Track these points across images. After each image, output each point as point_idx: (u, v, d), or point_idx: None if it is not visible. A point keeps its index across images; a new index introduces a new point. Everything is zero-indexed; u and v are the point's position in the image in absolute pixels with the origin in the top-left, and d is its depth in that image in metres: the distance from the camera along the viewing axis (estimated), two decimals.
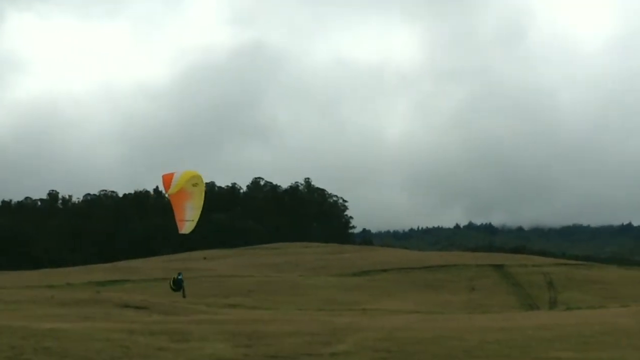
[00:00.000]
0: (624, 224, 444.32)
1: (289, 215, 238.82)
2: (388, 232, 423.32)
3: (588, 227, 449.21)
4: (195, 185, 26.62)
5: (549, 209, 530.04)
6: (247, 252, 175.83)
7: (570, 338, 44.00)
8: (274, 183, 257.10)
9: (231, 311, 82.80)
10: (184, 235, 30.24)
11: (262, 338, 42.98)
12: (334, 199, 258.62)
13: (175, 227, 35.71)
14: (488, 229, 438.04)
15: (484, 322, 59.14)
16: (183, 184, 25.97)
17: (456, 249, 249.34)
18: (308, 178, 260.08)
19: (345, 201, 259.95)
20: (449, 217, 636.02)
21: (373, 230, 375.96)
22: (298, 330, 49.00)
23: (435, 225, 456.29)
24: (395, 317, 73.09)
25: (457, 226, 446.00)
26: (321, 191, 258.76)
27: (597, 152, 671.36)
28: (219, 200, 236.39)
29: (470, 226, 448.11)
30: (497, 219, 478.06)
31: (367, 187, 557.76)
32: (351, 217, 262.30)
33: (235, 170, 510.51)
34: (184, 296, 38.28)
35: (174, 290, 35.12)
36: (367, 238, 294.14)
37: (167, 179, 26.31)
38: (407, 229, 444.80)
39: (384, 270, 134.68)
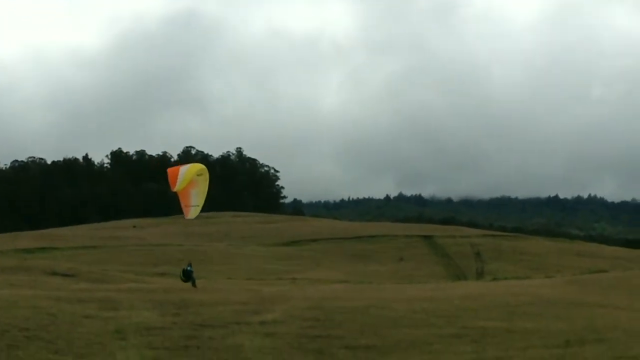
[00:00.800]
0: (551, 196, 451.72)
1: (219, 185, 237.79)
2: (319, 202, 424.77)
3: (516, 199, 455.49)
4: (199, 175, 26.58)
5: (478, 181, 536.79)
6: (177, 220, 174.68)
7: (497, 308, 44.67)
8: (205, 152, 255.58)
9: (160, 280, 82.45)
10: (188, 219, 30.14)
11: (191, 307, 42.88)
12: (265, 168, 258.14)
13: (104, 196, 35.54)
14: (418, 200, 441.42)
15: (412, 292, 59.80)
16: (189, 178, 25.92)
17: (386, 220, 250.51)
18: (240, 147, 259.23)
19: (277, 171, 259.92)
20: (380, 188, 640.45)
21: (304, 201, 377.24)
22: (227, 299, 48.99)
23: (366, 196, 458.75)
24: (324, 286, 73.48)
25: (387, 197, 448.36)
26: (252, 161, 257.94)
27: (526, 125, 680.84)
28: (150, 169, 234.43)
29: (401, 197, 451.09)
30: (427, 191, 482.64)
31: (299, 157, 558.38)
32: (282, 187, 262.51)
33: (166, 139, 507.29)
34: (194, 286, 38.40)
35: (184, 281, 35.49)
36: (297, 208, 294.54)
37: (173, 175, 26.20)
38: (338, 199, 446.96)
39: (314, 240, 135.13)
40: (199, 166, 26.86)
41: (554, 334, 41.65)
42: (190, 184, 30.54)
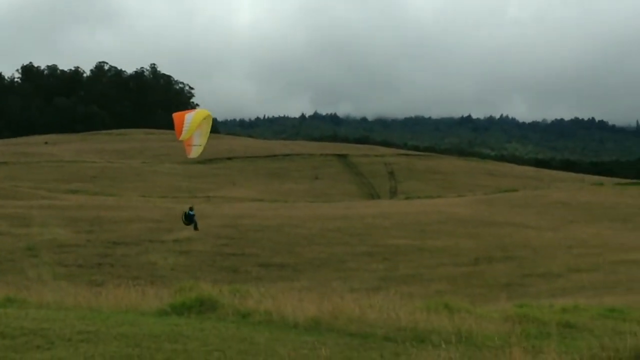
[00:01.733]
0: (464, 116, 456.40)
1: (133, 101, 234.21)
2: (234, 120, 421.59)
3: (430, 118, 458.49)
4: (204, 119, 26.52)
5: (393, 100, 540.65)
6: (90, 137, 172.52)
7: (409, 226, 45.45)
8: (119, 68, 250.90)
9: (73, 197, 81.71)
10: None
11: (105, 224, 42.73)
12: (180, 85, 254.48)
13: (15, 111, 34.86)
14: (333, 119, 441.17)
15: (325, 211, 60.38)
16: (195, 127, 25.79)
17: (301, 139, 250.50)
18: (154, 64, 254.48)
19: (192, 88, 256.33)
20: (295, 107, 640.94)
21: (219, 119, 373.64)
22: (141, 216, 48.90)
23: (281, 115, 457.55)
24: (239, 205, 73.72)
25: (302, 116, 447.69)
26: (167, 77, 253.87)
27: (441, 45, 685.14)
28: (62, 84, 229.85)
29: (316, 116, 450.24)
30: (342, 110, 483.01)
31: (215, 74, 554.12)
32: (197, 105, 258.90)
33: (79, 54, 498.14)
34: (196, 229, 38.49)
35: (186, 224, 35.53)
36: (212, 126, 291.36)
37: (179, 123, 25.91)
38: (253, 117, 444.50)
39: (229, 159, 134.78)
40: (204, 113, 26.85)
41: (464, 252, 42.58)
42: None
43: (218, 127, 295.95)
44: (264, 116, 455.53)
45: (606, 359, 12.34)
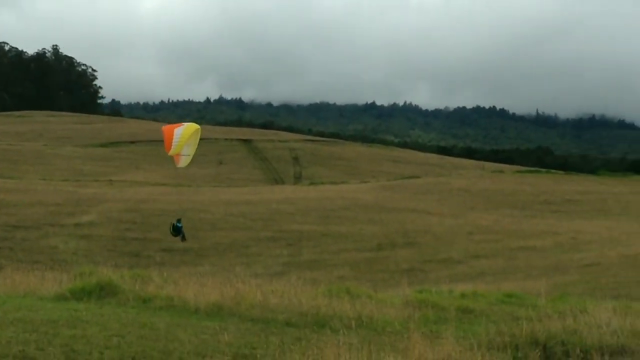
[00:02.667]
0: (369, 103, 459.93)
1: (34, 83, 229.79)
2: (138, 104, 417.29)
3: (334, 105, 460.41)
4: (193, 132, 25.98)
5: (298, 86, 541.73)
6: None
7: (313, 212, 45.64)
8: (20, 49, 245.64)
9: None
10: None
11: (4, 207, 41.93)
12: (83, 67, 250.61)
13: None
14: (238, 104, 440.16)
15: (230, 196, 60.28)
16: (184, 142, 25.29)
17: (206, 123, 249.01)
18: (56, 45, 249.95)
19: (95, 70, 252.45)
20: (200, 91, 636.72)
21: (122, 102, 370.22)
22: (41, 200, 48.11)
23: (186, 99, 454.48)
24: (142, 189, 73.03)
25: (207, 100, 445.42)
26: (69, 59, 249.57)
27: (347, 33, 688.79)
28: None
29: (221, 100, 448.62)
30: (248, 94, 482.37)
31: (118, 57, 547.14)
32: (100, 87, 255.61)
33: None
34: (183, 240, 37.78)
35: (174, 235, 34.93)
36: (116, 109, 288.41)
37: (168, 137, 25.35)
38: (157, 101, 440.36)
39: (133, 142, 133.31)
40: (194, 127, 26.49)
41: (367, 238, 42.98)
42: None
43: (121, 110, 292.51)
44: (169, 100, 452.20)
45: (503, 344, 12.62)
